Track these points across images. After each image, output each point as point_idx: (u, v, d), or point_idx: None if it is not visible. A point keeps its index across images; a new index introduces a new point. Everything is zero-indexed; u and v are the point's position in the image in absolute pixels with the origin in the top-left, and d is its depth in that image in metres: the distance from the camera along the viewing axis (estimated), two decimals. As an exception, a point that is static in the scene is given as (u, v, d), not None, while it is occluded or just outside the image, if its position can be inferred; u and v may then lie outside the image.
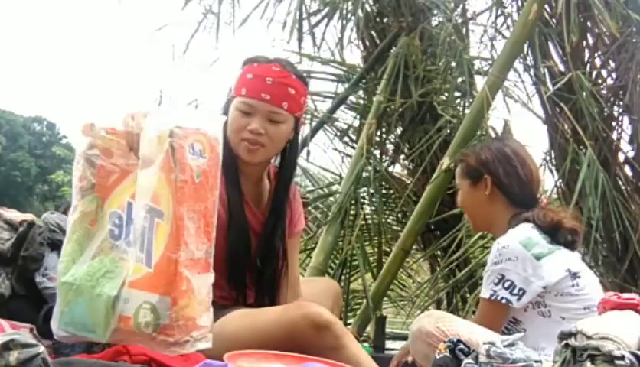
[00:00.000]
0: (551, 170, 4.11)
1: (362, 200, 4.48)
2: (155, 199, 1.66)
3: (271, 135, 2.08)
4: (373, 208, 4.78)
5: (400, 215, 4.89)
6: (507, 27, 4.30)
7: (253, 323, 2.00)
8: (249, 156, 2.09)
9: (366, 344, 4.20)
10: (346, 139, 4.91)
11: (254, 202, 2.19)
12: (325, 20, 4.56)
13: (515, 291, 2.04)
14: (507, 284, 2.05)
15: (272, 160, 2.25)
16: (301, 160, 4.70)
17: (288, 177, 2.25)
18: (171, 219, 1.64)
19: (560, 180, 4.07)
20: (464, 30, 4.46)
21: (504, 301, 2.04)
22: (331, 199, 4.43)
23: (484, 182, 2.25)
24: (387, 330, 4.61)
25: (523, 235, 2.09)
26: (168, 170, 1.66)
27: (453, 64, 4.22)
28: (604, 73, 4.25)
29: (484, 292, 2.09)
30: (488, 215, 2.27)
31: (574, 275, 2.09)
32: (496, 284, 2.06)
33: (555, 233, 2.13)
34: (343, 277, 4.27)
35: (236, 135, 2.09)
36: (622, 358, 1.39)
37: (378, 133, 4.56)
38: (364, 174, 4.22)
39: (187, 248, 1.64)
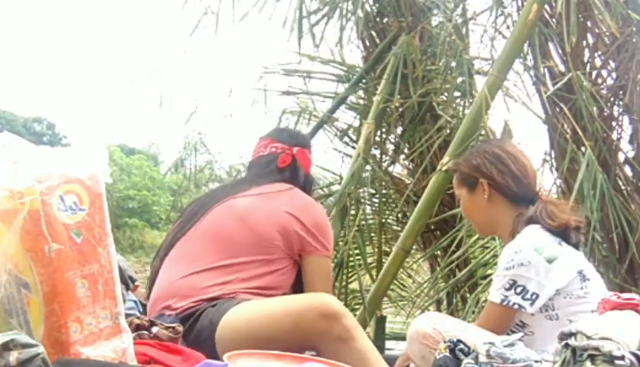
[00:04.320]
0: (551, 170, 4.11)
1: (362, 200, 4.48)
2: (15, 266, 1.39)
3: None
4: (373, 208, 4.78)
5: (399, 216, 4.89)
6: (507, 27, 4.30)
7: (264, 311, 2.04)
8: None
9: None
10: (346, 139, 4.91)
11: None
12: (325, 19, 4.56)
13: (528, 296, 2.02)
14: (518, 290, 2.03)
15: None
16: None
17: None
18: (43, 293, 1.37)
19: (560, 180, 4.07)
20: (464, 30, 4.45)
21: (515, 307, 2.03)
22: (331, 199, 4.43)
23: (480, 186, 2.24)
24: (387, 330, 4.61)
25: (533, 239, 2.08)
26: (28, 238, 1.37)
27: (453, 64, 4.22)
28: (604, 73, 4.24)
29: (494, 296, 2.07)
30: (491, 218, 2.25)
31: (584, 277, 2.07)
32: (507, 289, 2.04)
33: (564, 234, 2.13)
34: (342, 278, 4.28)
35: None
36: (622, 358, 1.40)
37: (378, 133, 4.56)
38: (365, 174, 4.23)
39: (81, 325, 1.40)
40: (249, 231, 2.27)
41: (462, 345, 1.69)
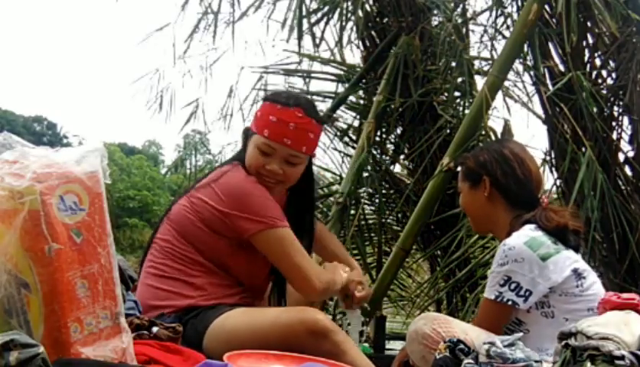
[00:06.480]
0: (551, 170, 4.11)
1: (362, 200, 4.48)
2: (15, 266, 1.39)
3: (288, 174, 2.22)
4: (373, 208, 4.78)
5: (399, 216, 4.89)
6: (507, 27, 4.30)
7: (251, 323, 2.02)
8: (269, 188, 2.20)
9: (366, 344, 4.21)
10: (346, 139, 4.91)
11: None
12: (325, 19, 4.56)
13: (521, 293, 2.04)
14: (513, 286, 2.04)
15: None
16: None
17: (311, 195, 2.39)
18: (43, 293, 1.37)
19: (560, 180, 4.07)
20: (464, 30, 4.45)
21: (509, 303, 2.04)
22: (331, 199, 4.43)
23: (483, 183, 2.27)
24: (387, 330, 4.61)
25: (528, 236, 2.09)
26: (28, 238, 1.37)
27: (453, 64, 4.22)
28: (604, 73, 4.24)
29: (489, 293, 2.08)
30: (488, 216, 2.28)
31: (579, 276, 2.08)
32: (502, 285, 2.06)
33: (561, 236, 2.13)
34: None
35: (255, 170, 2.19)
36: (622, 358, 1.40)
37: (378, 133, 4.56)
38: (364, 174, 4.23)
39: (81, 325, 1.40)
40: (182, 236, 2.18)
41: (462, 345, 1.69)
